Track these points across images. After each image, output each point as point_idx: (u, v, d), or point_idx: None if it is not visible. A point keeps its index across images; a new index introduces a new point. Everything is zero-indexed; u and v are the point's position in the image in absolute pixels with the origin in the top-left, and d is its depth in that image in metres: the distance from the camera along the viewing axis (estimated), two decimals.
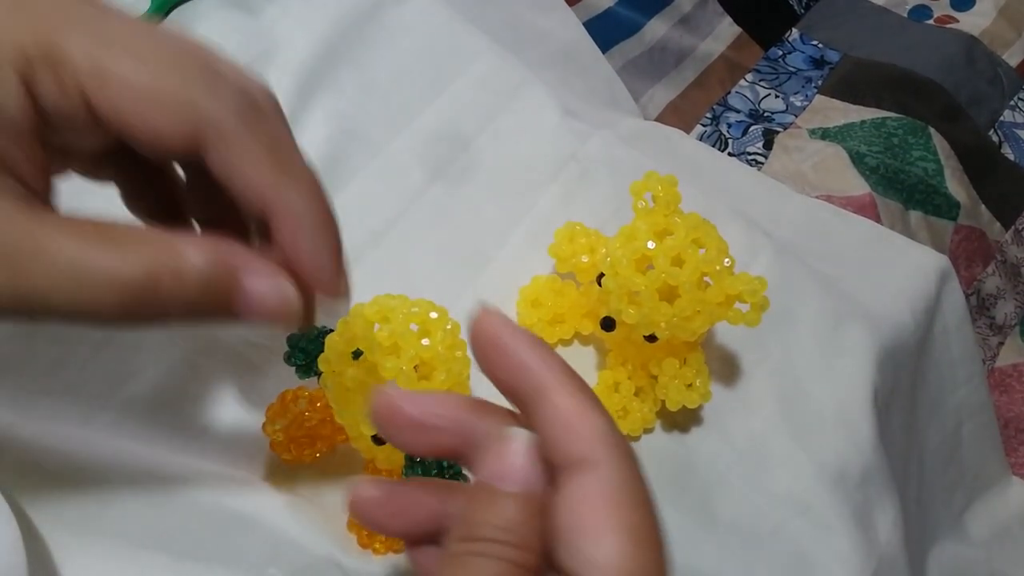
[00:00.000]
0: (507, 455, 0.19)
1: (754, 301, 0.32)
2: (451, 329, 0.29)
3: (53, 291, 0.17)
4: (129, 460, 0.32)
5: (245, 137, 0.19)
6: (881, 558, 0.37)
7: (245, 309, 0.19)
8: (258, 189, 0.19)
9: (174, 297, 0.18)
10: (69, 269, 0.17)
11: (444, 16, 0.47)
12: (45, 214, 0.18)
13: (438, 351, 0.29)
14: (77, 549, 0.31)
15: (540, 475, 0.19)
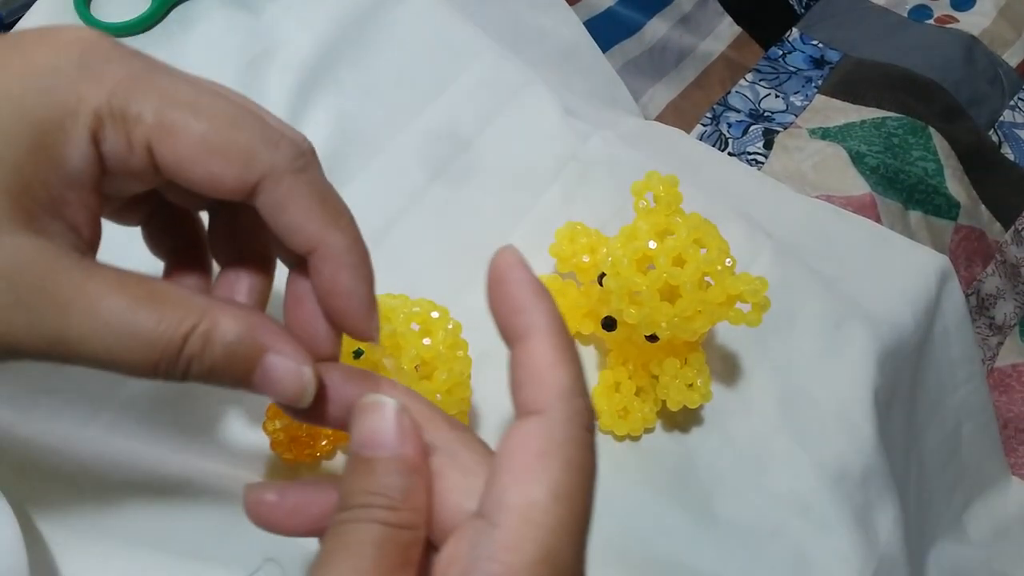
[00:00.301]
0: (373, 422, 0.20)
1: (755, 301, 0.32)
2: (452, 329, 0.29)
3: (93, 342, 0.19)
4: (129, 460, 0.32)
5: (297, 184, 0.21)
6: (881, 558, 0.37)
7: (260, 383, 0.21)
8: (307, 230, 0.21)
9: (199, 360, 0.20)
10: (113, 324, 0.19)
11: (444, 16, 0.47)
12: (95, 267, 0.20)
13: (439, 351, 0.29)
14: (77, 549, 0.31)
15: (411, 438, 0.20)
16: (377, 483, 0.19)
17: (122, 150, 0.20)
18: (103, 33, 0.21)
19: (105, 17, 0.41)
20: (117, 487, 0.31)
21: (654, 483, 0.37)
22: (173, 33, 0.42)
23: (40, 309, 0.19)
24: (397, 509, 0.19)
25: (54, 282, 0.19)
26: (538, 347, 0.20)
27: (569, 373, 0.20)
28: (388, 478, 0.19)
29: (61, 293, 0.19)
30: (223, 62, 0.42)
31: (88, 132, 0.19)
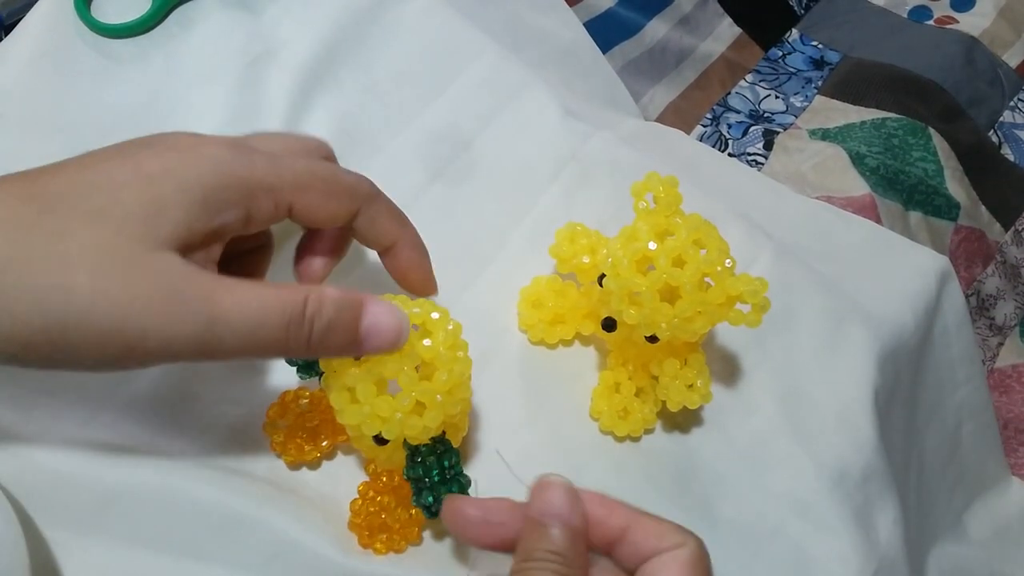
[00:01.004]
0: (551, 496, 0.24)
1: (755, 302, 0.32)
2: (452, 330, 0.29)
3: (236, 318, 0.24)
4: (129, 460, 0.32)
5: (380, 203, 0.31)
6: (881, 558, 0.37)
7: (367, 331, 0.27)
8: (391, 232, 0.31)
9: (319, 317, 0.25)
10: (250, 298, 0.25)
11: (444, 16, 0.47)
12: (223, 275, 0.26)
13: (439, 352, 0.28)
14: (77, 549, 0.31)
15: (577, 512, 0.24)
16: (554, 544, 0.23)
17: (271, 213, 0.27)
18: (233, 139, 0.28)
19: (105, 18, 0.41)
20: (117, 487, 0.31)
21: (654, 483, 0.37)
22: (173, 34, 0.42)
23: (190, 298, 0.24)
24: (569, 566, 0.23)
25: (201, 279, 0.24)
26: (644, 522, 0.25)
27: (666, 525, 0.25)
28: (563, 542, 0.24)
29: (206, 286, 0.24)
30: (223, 62, 0.42)
31: (245, 202, 0.26)
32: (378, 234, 0.31)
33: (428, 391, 0.28)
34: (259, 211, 0.27)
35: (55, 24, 0.41)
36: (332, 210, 0.29)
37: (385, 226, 0.31)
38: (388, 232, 0.31)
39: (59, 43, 0.40)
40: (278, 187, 0.27)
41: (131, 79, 0.41)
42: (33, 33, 0.40)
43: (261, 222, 0.27)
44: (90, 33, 0.41)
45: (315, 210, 0.28)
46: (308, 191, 0.28)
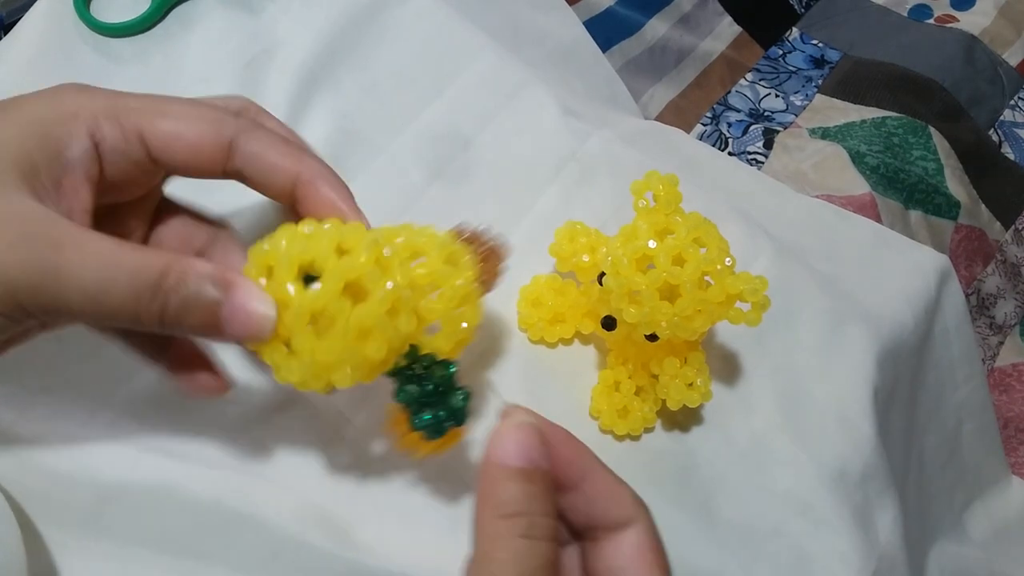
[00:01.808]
0: (515, 443, 0.23)
1: (755, 300, 0.32)
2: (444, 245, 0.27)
3: (83, 274, 0.22)
4: (129, 460, 0.32)
5: (263, 133, 0.25)
6: (881, 558, 0.37)
7: (228, 317, 0.23)
8: (284, 165, 0.25)
9: (176, 293, 0.23)
10: (102, 256, 0.22)
11: (444, 16, 0.47)
12: (86, 228, 0.23)
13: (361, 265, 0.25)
14: (77, 549, 0.31)
15: (546, 458, 0.23)
16: (519, 498, 0.22)
17: (118, 140, 0.24)
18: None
19: (105, 17, 0.41)
20: (117, 487, 0.31)
21: (654, 482, 0.37)
22: (173, 33, 0.42)
23: (39, 245, 0.22)
24: (537, 524, 0.22)
25: (52, 227, 0.22)
26: (598, 478, 0.24)
27: (624, 485, 0.24)
28: (530, 494, 0.22)
29: (57, 234, 0.22)
30: (223, 62, 0.42)
31: (86, 129, 0.24)
32: (267, 171, 0.25)
33: (362, 315, 0.24)
34: (106, 142, 0.24)
35: (54, 24, 0.40)
36: (193, 139, 0.25)
37: (272, 159, 0.25)
38: (279, 167, 0.25)
39: (58, 43, 0.40)
40: (123, 112, 0.24)
41: (130, 79, 0.41)
42: (33, 33, 0.40)
43: (116, 159, 0.25)
44: (89, 32, 0.41)
45: (173, 142, 0.25)
46: (160, 117, 0.25)
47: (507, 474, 0.22)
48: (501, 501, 0.22)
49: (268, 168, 0.25)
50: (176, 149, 0.25)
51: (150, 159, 0.25)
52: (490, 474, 0.22)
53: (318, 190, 0.26)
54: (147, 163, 0.25)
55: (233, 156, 0.25)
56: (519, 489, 0.22)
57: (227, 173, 0.26)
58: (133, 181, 0.26)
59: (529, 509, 0.22)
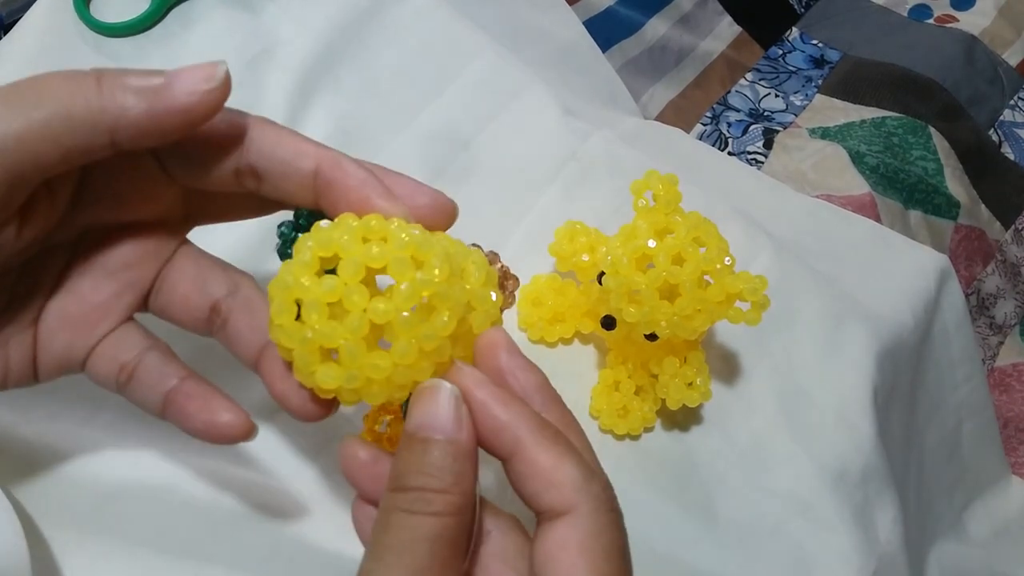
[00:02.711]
0: (431, 406, 0.21)
1: (755, 300, 0.32)
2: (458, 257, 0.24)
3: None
4: (129, 459, 0.32)
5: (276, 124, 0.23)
6: (881, 557, 0.37)
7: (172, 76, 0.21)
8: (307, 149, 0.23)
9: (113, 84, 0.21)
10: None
11: (444, 15, 0.47)
12: None
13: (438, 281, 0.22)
14: (78, 548, 0.31)
15: (466, 426, 0.21)
16: (430, 464, 0.20)
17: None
18: None
19: (105, 17, 0.41)
20: (117, 487, 0.31)
21: (654, 482, 0.37)
22: (173, 33, 0.42)
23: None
24: (450, 493, 0.20)
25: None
26: (536, 455, 0.20)
27: (574, 464, 0.20)
28: (442, 460, 0.20)
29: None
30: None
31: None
32: (287, 158, 0.23)
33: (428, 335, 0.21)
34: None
35: (54, 23, 0.40)
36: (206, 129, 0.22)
37: (292, 144, 0.23)
38: (301, 151, 0.23)
39: (58, 42, 0.40)
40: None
41: None
42: (32, 32, 0.40)
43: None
44: (89, 32, 0.41)
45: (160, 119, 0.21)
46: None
47: (404, 443, 0.21)
48: (395, 473, 0.21)
49: (289, 154, 0.23)
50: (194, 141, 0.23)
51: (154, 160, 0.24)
52: (410, 439, 0.21)
53: (346, 171, 0.22)
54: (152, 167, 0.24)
55: (248, 150, 0.23)
56: (412, 460, 0.20)
57: (240, 175, 0.23)
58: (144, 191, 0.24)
59: (418, 483, 0.20)
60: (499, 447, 0.21)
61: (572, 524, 0.20)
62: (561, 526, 0.20)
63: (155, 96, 0.21)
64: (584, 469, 0.20)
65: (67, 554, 0.30)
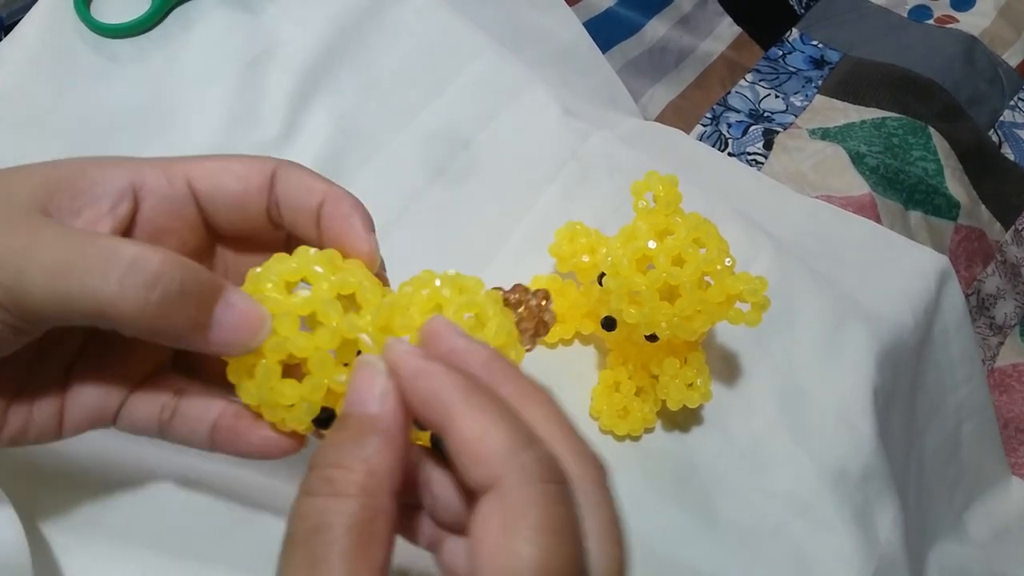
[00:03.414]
0: (355, 382, 0.20)
1: (755, 301, 0.32)
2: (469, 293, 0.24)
3: (46, 255, 0.20)
4: (130, 460, 0.32)
5: (296, 166, 0.25)
6: (881, 558, 0.37)
7: (221, 317, 0.22)
8: (318, 186, 0.25)
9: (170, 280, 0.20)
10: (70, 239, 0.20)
11: (444, 16, 0.47)
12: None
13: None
14: (78, 549, 0.31)
15: (385, 399, 0.20)
16: (338, 442, 0.19)
17: (161, 184, 0.24)
18: None
19: (105, 18, 0.41)
20: (118, 487, 0.31)
21: (654, 483, 0.37)
22: (173, 34, 0.42)
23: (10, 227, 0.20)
24: (351, 470, 0.19)
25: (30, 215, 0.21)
26: (463, 425, 0.19)
27: (501, 432, 0.18)
28: (349, 436, 0.19)
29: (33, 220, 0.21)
30: (223, 63, 0.42)
31: (125, 173, 0.23)
32: (302, 193, 0.25)
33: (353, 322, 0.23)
34: (148, 185, 0.23)
35: (55, 24, 0.40)
36: (240, 171, 0.24)
37: (307, 181, 0.25)
38: (313, 188, 0.25)
39: (59, 43, 0.40)
40: (168, 161, 0.24)
41: (131, 79, 0.41)
42: (33, 33, 0.40)
43: (158, 203, 0.24)
44: (90, 33, 0.41)
45: (220, 174, 0.24)
46: (206, 160, 0.25)
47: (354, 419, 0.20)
48: (313, 453, 0.20)
49: (304, 190, 0.24)
50: (224, 183, 0.24)
51: (196, 206, 0.25)
52: (341, 418, 0.20)
53: (339, 206, 0.24)
54: (191, 210, 0.25)
55: (275, 186, 0.25)
56: (328, 439, 0.20)
57: (270, 211, 0.25)
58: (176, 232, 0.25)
59: (323, 460, 0.19)
60: (431, 420, 0.19)
61: (494, 499, 0.18)
62: (485, 503, 0.18)
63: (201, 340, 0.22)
64: (515, 437, 0.18)
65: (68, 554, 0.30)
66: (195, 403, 0.25)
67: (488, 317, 0.23)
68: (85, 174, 0.23)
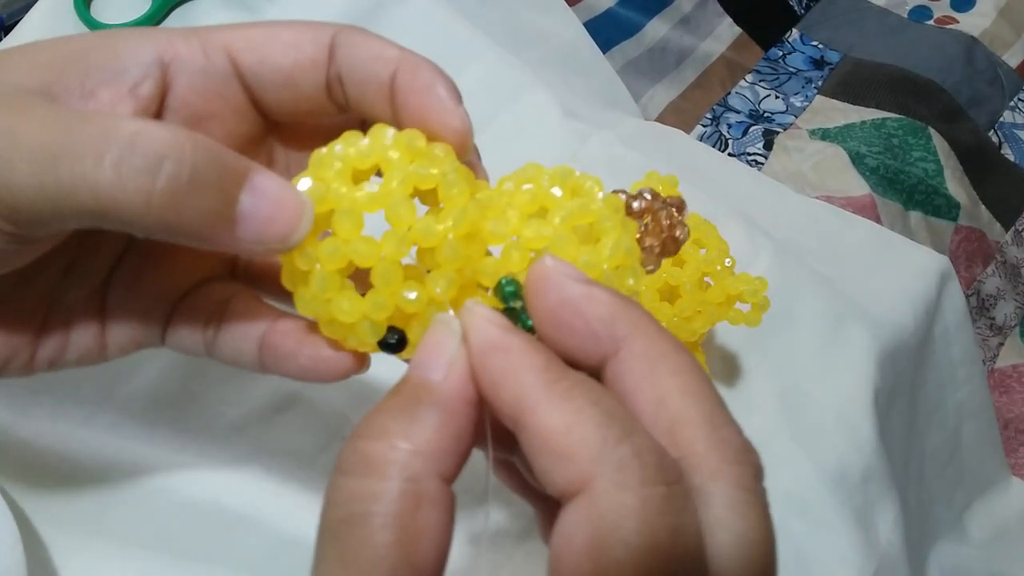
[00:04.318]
0: (425, 342, 0.17)
1: (755, 301, 0.32)
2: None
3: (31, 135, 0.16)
4: (129, 460, 0.32)
5: (362, 31, 0.21)
6: (881, 558, 0.37)
7: (250, 206, 0.18)
8: (387, 55, 0.20)
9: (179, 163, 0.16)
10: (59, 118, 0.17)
11: (444, 16, 0.47)
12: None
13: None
14: (76, 549, 0.31)
15: (451, 369, 0.16)
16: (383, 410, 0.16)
17: (197, 55, 0.20)
18: None
19: (105, 18, 0.41)
20: (116, 487, 0.31)
21: None
22: None
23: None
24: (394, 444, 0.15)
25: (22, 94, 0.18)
26: (539, 414, 0.15)
27: (594, 422, 0.15)
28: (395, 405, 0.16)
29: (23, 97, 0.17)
30: None
31: (153, 46, 0.19)
32: (367, 62, 0.20)
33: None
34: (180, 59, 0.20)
35: (55, 24, 0.41)
36: (290, 38, 0.20)
37: (374, 47, 0.20)
38: (381, 55, 0.20)
39: None
40: (206, 31, 0.20)
41: None
42: (33, 33, 0.40)
43: (193, 78, 0.20)
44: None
45: (267, 44, 0.20)
46: (250, 27, 0.21)
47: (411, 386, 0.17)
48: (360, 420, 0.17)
49: (371, 58, 0.20)
50: (271, 55, 0.20)
51: (239, 80, 0.20)
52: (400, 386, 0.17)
53: (417, 75, 0.20)
54: (235, 89, 0.21)
55: (335, 57, 0.20)
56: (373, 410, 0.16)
57: (331, 89, 0.21)
58: (217, 117, 0.21)
59: (365, 430, 0.16)
60: (503, 409, 0.16)
61: (582, 507, 0.14)
62: (570, 511, 0.14)
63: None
64: (609, 426, 0.14)
65: (65, 554, 0.30)
66: (241, 317, 0.22)
67: (604, 230, 0.19)
68: (102, 46, 0.19)
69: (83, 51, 0.19)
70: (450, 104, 0.20)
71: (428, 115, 0.20)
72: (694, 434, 0.15)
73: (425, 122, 0.20)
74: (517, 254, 0.19)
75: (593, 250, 0.19)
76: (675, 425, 0.15)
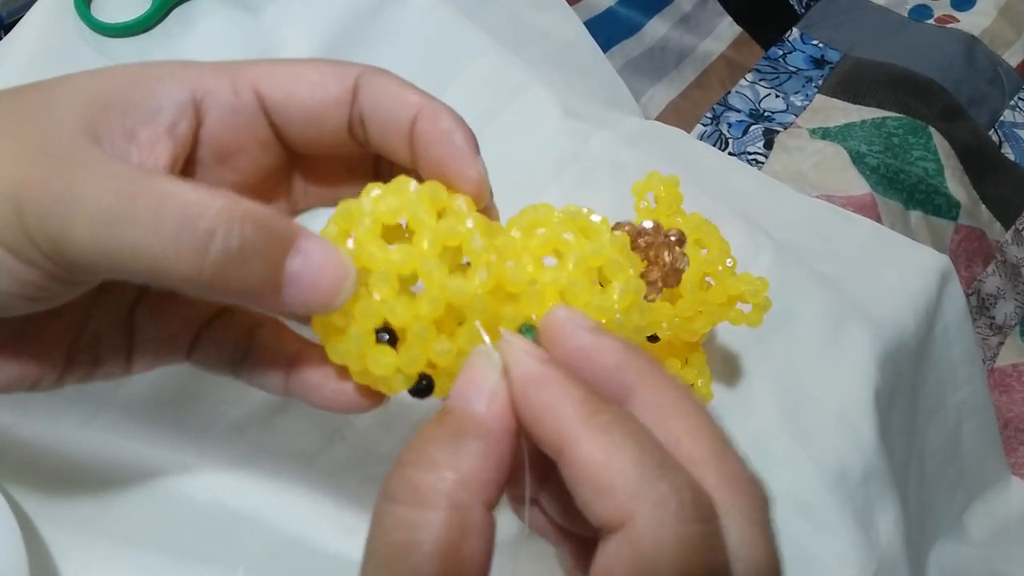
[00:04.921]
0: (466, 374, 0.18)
1: (756, 302, 0.32)
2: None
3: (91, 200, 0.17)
4: (129, 460, 0.32)
5: (386, 74, 0.22)
6: (881, 558, 0.37)
7: (297, 271, 0.18)
8: (409, 100, 0.21)
9: (228, 237, 0.17)
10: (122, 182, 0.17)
11: (444, 15, 0.47)
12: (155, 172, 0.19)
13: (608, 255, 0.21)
14: (77, 549, 0.31)
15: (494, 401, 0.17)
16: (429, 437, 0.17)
17: (226, 93, 0.20)
18: None
19: (105, 17, 0.41)
20: (117, 488, 0.31)
21: None
22: (173, 34, 0.42)
23: (55, 162, 0.17)
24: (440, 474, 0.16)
25: (80, 148, 0.18)
26: (580, 450, 0.16)
27: (632, 457, 0.15)
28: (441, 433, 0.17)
29: (81, 153, 0.18)
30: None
31: (185, 84, 0.20)
32: (389, 105, 0.21)
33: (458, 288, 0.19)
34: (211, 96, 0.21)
35: (55, 24, 0.40)
36: (316, 79, 0.21)
37: (396, 90, 0.21)
38: (404, 102, 0.21)
39: (59, 43, 0.40)
40: (235, 67, 0.21)
41: None
42: (33, 33, 0.40)
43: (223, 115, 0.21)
44: (90, 32, 0.41)
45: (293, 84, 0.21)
46: (278, 66, 0.21)
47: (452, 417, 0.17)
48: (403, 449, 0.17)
49: (393, 102, 0.21)
50: (297, 93, 0.21)
51: (265, 116, 0.21)
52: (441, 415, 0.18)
53: (437, 121, 0.20)
54: (262, 124, 0.21)
55: (358, 98, 0.21)
56: (419, 434, 0.17)
57: (353, 128, 0.21)
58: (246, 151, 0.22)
59: (411, 458, 0.16)
60: (544, 440, 0.17)
61: (622, 543, 0.15)
62: (611, 545, 0.15)
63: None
64: (648, 463, 0.15)
65: (66, 554, 0.30)
66: (268, 347, 0.22)
67: (613, 272, 0.20)
68: (138, 84, 0.20)
69: (121, 90, 0.20)
70: (468, 154, 0.20)
71: (447, 165, 0.20)
72: (705, 472, 0.16)
73: (443, 170, 0.20)
74: (536, 300, 0.20)
75: (604, 295, 0.20)
76: (688, 465, 0.16)
